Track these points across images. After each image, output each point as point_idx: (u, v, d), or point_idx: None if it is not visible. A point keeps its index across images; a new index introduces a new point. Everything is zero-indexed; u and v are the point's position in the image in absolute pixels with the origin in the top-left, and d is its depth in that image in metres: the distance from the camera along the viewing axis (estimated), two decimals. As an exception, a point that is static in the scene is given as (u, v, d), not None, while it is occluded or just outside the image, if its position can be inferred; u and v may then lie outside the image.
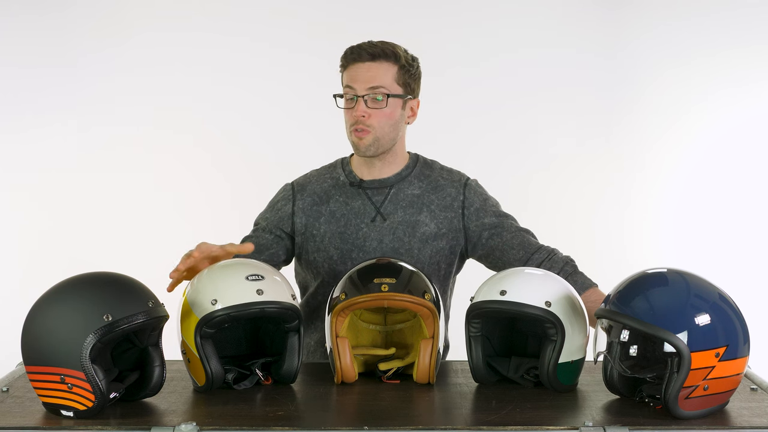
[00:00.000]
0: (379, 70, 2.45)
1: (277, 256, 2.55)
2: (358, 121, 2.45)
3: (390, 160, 2.55)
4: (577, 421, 1.81)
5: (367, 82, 2.44)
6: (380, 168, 2.55)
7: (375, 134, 2.46)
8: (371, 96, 2.44)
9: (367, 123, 2.45)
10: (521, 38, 4.15)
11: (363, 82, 2.44)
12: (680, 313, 1.83)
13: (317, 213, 2.54)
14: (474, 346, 2.08)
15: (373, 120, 2.45)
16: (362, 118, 2.44)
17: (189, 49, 4.14)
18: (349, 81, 2.46)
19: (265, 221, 2.58)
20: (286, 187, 2.62)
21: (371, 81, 2.44)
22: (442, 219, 2.53)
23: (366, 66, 2.45)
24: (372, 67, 2.45)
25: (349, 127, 2.49)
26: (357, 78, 2.45)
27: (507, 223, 2.54)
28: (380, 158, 2.53)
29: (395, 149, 2.54)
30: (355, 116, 2.45)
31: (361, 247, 2.50)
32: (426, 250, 2.51)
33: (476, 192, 2.57)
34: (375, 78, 2.45)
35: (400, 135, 2.53)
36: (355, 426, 1.78)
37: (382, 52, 2.46)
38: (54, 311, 1.84)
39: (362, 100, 2.44)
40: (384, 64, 2.46)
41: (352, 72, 2.46)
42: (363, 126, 2.45)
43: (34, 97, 4.12)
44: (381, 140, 2.47)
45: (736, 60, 4.12)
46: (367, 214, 2.52)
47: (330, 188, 2.57)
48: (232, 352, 2.15)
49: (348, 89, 2.47)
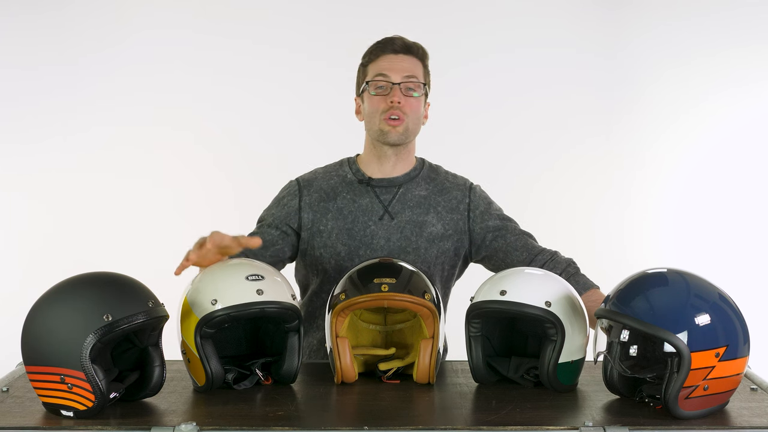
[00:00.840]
0: (412, 63, 2.52)
1: (282, 252, 2.54)
2: (393, 107, 2.47)
3: (404, 157, 2.57)
4: (577, 421, 1.81)
5: (403, 71, 2.49)
6: (393, 165, 2.56)
7: (407, 123, 2.50)
8: (406, 85, 2.48)
9: (403, 110, 2.48)
10: (521, 38, 4.15)
11: (399, 71, 2.49)
12: (680, 313, 1.83)
13: (324, 209, 2.54)
14: (474, 346, 2.08)
15: (407, 108, 2.49)
16: (399, 104, 2.47)
17: (190, 48, 4.14)
18: (383, 69, 2.50)
19: (271, 217, 2.57)
20: (291, 184, 2.62)
21: (407, 70, 2.50)
22: (449, 220, 2.54)
23: (401, 57, 2.51)
24: (405, 59, 2.51)
25: (380, 114, 2.49)
26: (393, 67, 2.49)
27: (510, 226, 2.56)
28: (397, 152, 2.54)
29: (410, 147, 2.58)
30: (392, 102, 2.47)
31: (368, 244, 2.50)
32: (432, 250, 2.52)
33: (481, 196, 2.60)
34: (410, 69, 2.51)
35: (418, 132, 2.57)
36: (355, 426, 1.78)
37: (415, 47, 2.53)
38: (54, 311, 1.84)
39: (398, 88, 2.47)
40: (415, 59, 2.53)
41: (383, 62, 2.51)
42: (399, 113, 2.48)
43: (34, 97, 4.12)
44: (410, 131, 2.52)
45: (736, 60, 4.12)
46: (375, 212, 2.53)
47: (337, 185, 2.57)
48: (232, 352, 2.15)
49: (381, 77, 2.49)
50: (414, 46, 2.53)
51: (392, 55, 2.51)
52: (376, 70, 2.51)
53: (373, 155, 2.57)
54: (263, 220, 2.59)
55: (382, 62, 2.51)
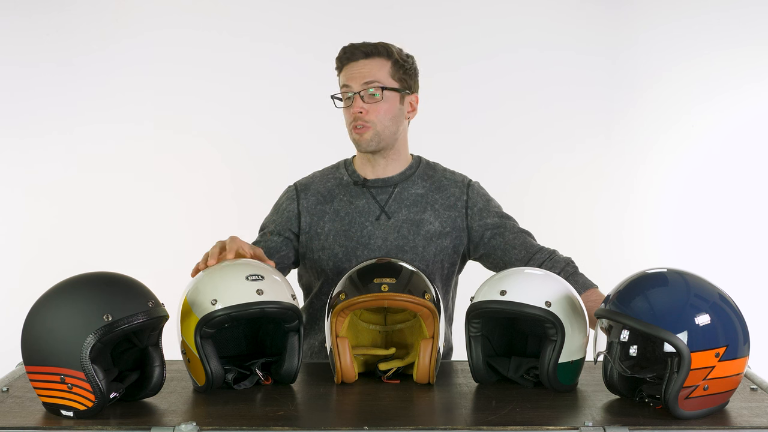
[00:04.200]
0: (373, 66, 2.49)
1: (287, 258, 2.56)
2: (356, 118, 2.48)
3: (393, 158, 2.56)
4: (577, 421, 1.81)
5: (362, 78, 2.47)
6: (384, 166, 2.56)
7: (375, 129, 2.48)
8: (367, 91, 2.46)
9: (365, 119, 2.47)
10: (521, 38, 4.16)
11: (358, 78, 2.48)
12: (680, 313, 1.83)
13: (321, 212, 2.55)
14: (474, 346, 2.08)
15: (372, 115, 2.47)
16: (360, 114, 2.47)
17: (191, 48, 4.14)
18: (345, 80, 2.50)
19: (273, 224, 2.59)
20: (289, 189, 2.64)
21: (366, 77, 2.48)
22: (446, 218, 2.54)
23: (360, 63, 2.49)
24: (366, 64, 2.49)
25: (348, 125, 2.51)
26: (352, 76, 2.48)
27: (509, 223, 2.56)
28: (383, 155, 2.54)
29: (398, 146, 2.56)
30: (353, 113, 2.47)
31: (366, 244, 2.51)
32: (430, 248, 2.52)
33: (479, 193, 2.59)
34: (369, 73, 2.48)
35: (401, 130, 2.55)
36: (355, 426, 1.78)
37: (375, 48, 2.50)
38: (54, 311, 1.84)
39: (358, 97, 2.47)
40: (377, 60, 2.50)
41: (347, 72, 2.50)
42: (362, 122, 2.48)
43: (34, 97, 4.12)
44: (382, 134, 2.49)
45: (736, 60, 4.12)
46: (372, 212, 2.53)
47: (334, 188, 2.58)
48: (232, 352, 2.15)
49: (345, 88, 2.50)
50: (374, 47, 2.49)
51: (353, 63, 2.49)
52: (341, 80, 2.52)
53: (364, 159, 2.58)
54: (265, 227, 2.61)
55: (345, 72, 2.51)
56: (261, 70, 4.15)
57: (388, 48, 2.51)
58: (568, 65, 4.16)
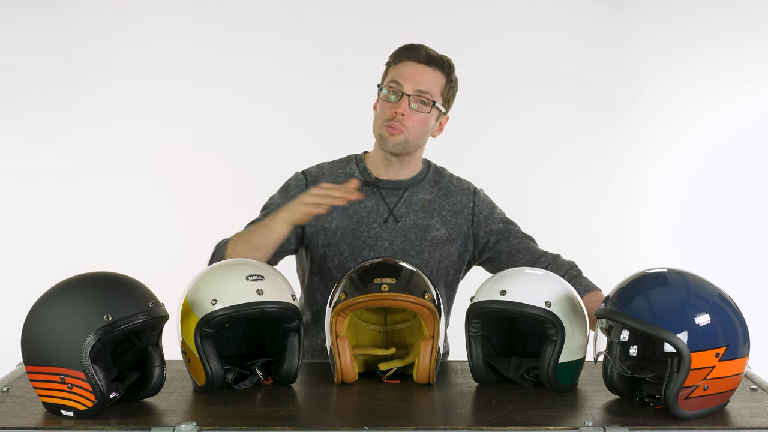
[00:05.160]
0: (432, 76, 2.47)
1: (288, 243, 2.50)
2: (395, 118, 2.45)
3: (407, 163, 2.56)
4: (577, 421, 1.81)
5: (418, 84, 2.45)
6: (398, 169, 2.55)
7: (407, 136, 2.46)
8: (417, 98, 2.44)
9: (404, 123, 2.45)
10: (522, 38, 4.16)
11: (414, 82, 2.45)
12: (680, 313, 1.83)
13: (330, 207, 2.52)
14: (474, 346, 2.08)
15: (410, 122, 2.45)
16: (401, 116, 2.44)
17: (191, 49, 4.14)
18: (398, 77, 2.46)
19: (277, 207, 2.50)
20: (298, 176, 2.59)
21: (422, 83, 2.45)
22: (453, 225, 2.54)
23: (420, 68, 2.46)
24: (426, 71, 2.46)
25: (381, 120, 2.47)
26: (409, 77, 2.45)
27: (513, 229, 2.57)
28: (400, 159, 2.53)
29: (415, 155, 2.56)
30: (395, 112, 2.44)
31: (372, 246, 2.50)
32: (436, 255, 2.52)
33: (485, 201, 2.60)
34: (427, 82, 2.46)
35: (424, 143, 2.55)
36: (355, 426, 1.78)
37: (440, 59, 2.48)
38: (54, 311, 1.84)
39: (407, 99, 2.44)
40: (437, 73, 2.48)
41: (403, 69, 2.47)
42: (399, 124, 2.45)
43: (34, 97, 4.12)
44: (409, 143, 2.48)
45: (736, 60, 4.12)
46: (380, 214, 2.53)
47: None
48: (232, 352, 2.14)
49: (394, 84, 2.46)
50: (440, 58, 2.48)
51: (414, 64, 2.46)
52: (393, 75, 2.48)
53: (380, 156, 2.55)
54: (268, 207, 2.56)
55: (402, 69, 2.47)
56: (261, 69, 4.15)
57: (450, 64, 2.50)
58: (568, 65, 4.16)
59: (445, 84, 2.49)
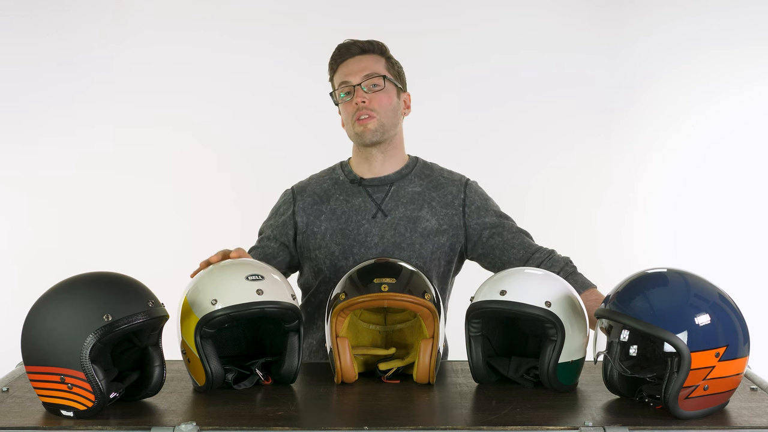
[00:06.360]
0: (370, 60, 2.53)
1: (284, 264, 2.58)
2: (359, 108, 2.49)
3: (390, 154, 2.57)
4: (577, 421, 1.81)
5: (361, 71, 2.51)
6: (381, 163, 2.57)
7: (379, 119, 2.51)
8: (368, 82, 2.49)
9: (370, 108, 2.49)
10: (522, 38, 4.15)
11: (358, 72, 2.51)
12: (680, 313, 1.83)
13: (318, 211, 2.55)
14: (474, 346, 2.08)
15: (375, 104, 2.50)
16: (363, 103, 2.49)
17: (191, 48, 4.13)
18: (344, 77, 2.52)
19: (270, 229, 2.60)
20: (286, 192, 2.66)
21: (365, 69, 2.51)
22: (443, 215, 2.54)
23: (357, 59, 2.53)
24: (363, 59, 2.53)
25: (351, 119, 2.52)
26: (351, 71, 2.51)
27: (507, 223, 2.56)
28: (381, 149, 2.55)
29: (395, 142, 2.58)
30: (356, 103, 2.49)
31: (362, 242, 2.51)
32: (427, 246, 2.52)
33: (477, 192, 2.60)
34: (368, 67, 2.52)
35: (399, 125, 2.57)
36: (355, 426, 1.78)
37: (370, 45, 2.55)
38: (54, 311, 1.84)
39: (360, 88, 2.49)
40: (373, 56, 2.55)
41: (344, 68, 2.53)
42: (366, 111, 2.49)
43: (34, 97, 4.12)
44: (385, 125, 2.51)
45: (736, 60, 4.12)
46: (368, 210, 2.54)
47: (330, 188, 2.58)
48: (232, 352, 2.15)
49: (344, 85, 2.52)
50: (369, 44, 2.55)
51: (349, 60, 2.53)
52: (338, 78, 2.54)
53: (361, 158, 2.59)
54: (263, 232, 2.63)
55: (343, 69, 2.54)
56: (262, 69, 4.15)
57: (382, 46, 2.56)
58: (568, 65, 4.16)
59: (385, 62, 2.55)
